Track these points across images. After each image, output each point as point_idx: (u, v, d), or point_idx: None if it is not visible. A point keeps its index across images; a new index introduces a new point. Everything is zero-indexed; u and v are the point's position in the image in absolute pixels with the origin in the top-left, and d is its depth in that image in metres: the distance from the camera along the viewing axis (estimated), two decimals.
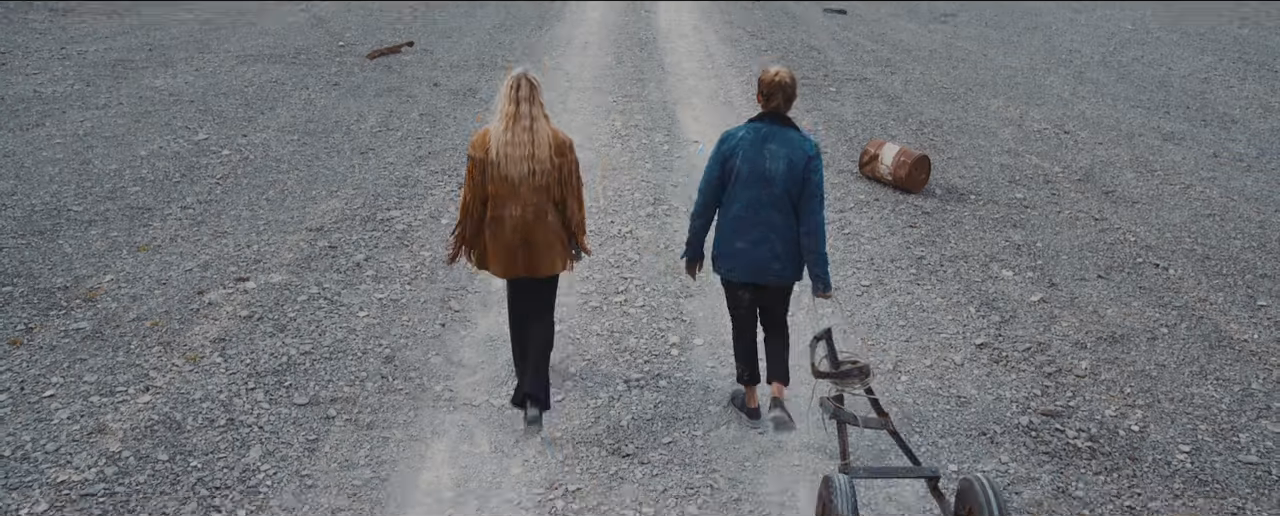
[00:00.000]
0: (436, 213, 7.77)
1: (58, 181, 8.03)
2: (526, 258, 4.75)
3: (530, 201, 4.64)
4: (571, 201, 4.79)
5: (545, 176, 4.63)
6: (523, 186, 4.61)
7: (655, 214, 7.92)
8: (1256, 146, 10.62)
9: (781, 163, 4.50)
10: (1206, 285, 7.00)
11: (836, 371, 4.35)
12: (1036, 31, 17.59)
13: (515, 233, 4.68)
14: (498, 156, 4.57)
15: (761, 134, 4.55)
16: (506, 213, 4.66)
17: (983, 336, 6.12)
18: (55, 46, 12.75)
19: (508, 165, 4.57)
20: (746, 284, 4.80)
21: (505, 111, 4.57)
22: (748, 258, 4.66)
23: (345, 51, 13.42)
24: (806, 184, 4.53)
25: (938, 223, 8.01)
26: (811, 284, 4.77)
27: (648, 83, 12.33)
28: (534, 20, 16.51)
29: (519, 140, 4.55)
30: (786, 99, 4.56)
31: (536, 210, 4.67)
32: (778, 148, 4.51)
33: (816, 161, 4.52)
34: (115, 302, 6.10)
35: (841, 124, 10.83)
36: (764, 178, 4.52)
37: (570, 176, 4.75)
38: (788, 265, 4.69)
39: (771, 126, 4.56)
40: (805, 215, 4.59)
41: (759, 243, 4.61)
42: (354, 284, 6.51)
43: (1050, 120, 11.32)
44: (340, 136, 9.60)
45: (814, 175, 4.52)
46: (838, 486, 3.66)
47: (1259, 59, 15.69)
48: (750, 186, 4.56)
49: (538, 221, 4.68)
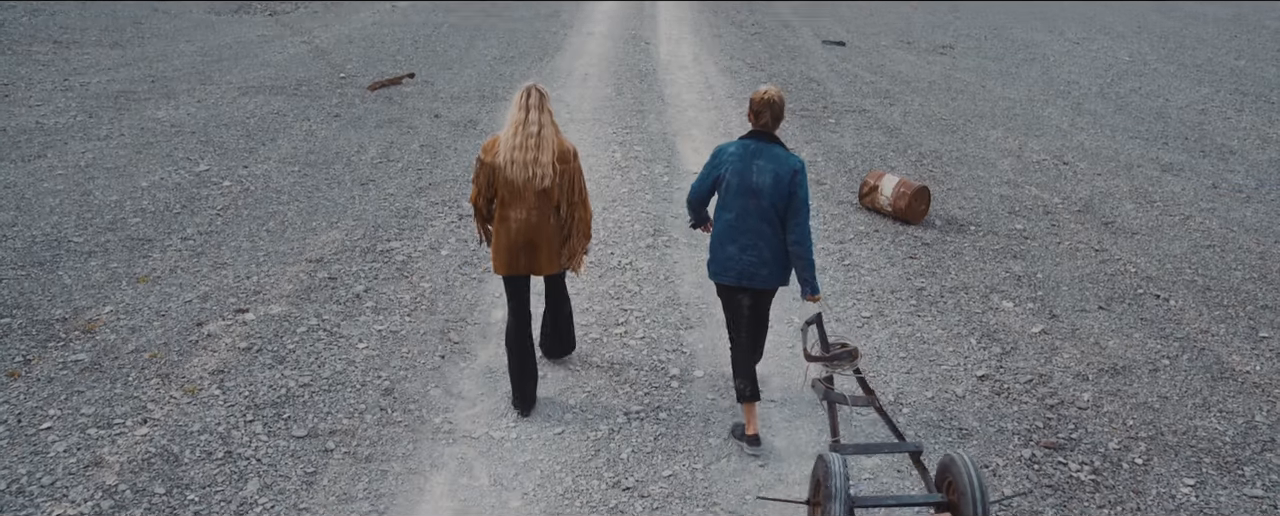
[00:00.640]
0: (437, 244, 7.77)
1: (58, 212, 8.04)
2: (529, 258, 5.09)
3: (534, 205, 4.96)
4: (574, 206, 5.09)
5: (549, 182, 4.90)
6: (527, 190, 4.91)
7: (655, 245, 7.92)
8: (1255, 177, 10.65)
9: (768, 177, 4.78)
10: (1208, 316, 6.99)
11: (827, 354, 4.75)
12: (1034, 63, 17.69)
13: (520, 234, 5.01)
14: (505, 161, 4.87)
15: (750, 150, 4.83)
16: (513, 214, 4.98)
17: (984, 368, 6.10)
18: (58, 78, 12.81)
19: (513, 170, 4.86)
20: (738, 287, 5.04)
21: (515, 119, 4.87)
22: (738, 262, 4.94)
23: (346, 83, 13.48)
24: (792, 197, 4.81)
25: (938, 254, 8.01)
26: (801, 288, 5.01)
27: (647, 114, 12.37)
28: (534, 53, 16.60)
29: (525, 146, 4.85)
30: (774, 117, 4.84)
31: (540, 213, 4.98)
32: (765, 163, 4.80)
33: (801, 176, 4.80)
34: (114, 334, 6.09)
35: (841, 155, 10.86)
36: (753, 190, 4.80)
37: (573, 182, 5.03)
38: (774, 270, 4.96)
39: (759, 143, 4.84)
40: (792, 225, 4.86)
41: (748, 248, 4.90)
42: (353, 315, 6.49)
43: (1049, 151, 11.35)
44: (341, 167, 9.62)
45: (799, 188, 4.80)
46: (831, 464, 3.92)
47: (1256, 90, 15.76)
48: (741, 198, 4.84)
49: (542, 224, 5.00)
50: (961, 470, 3.92)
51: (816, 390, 4.77)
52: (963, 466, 3.93)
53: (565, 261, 5.22)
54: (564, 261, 5.22)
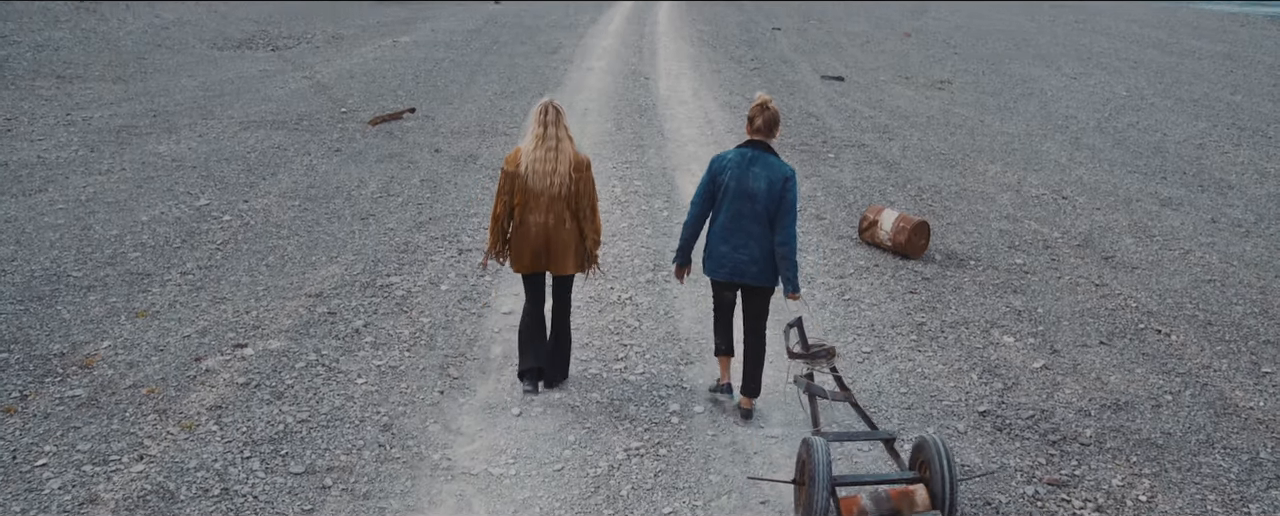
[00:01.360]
0: (436, 279, 7.77)
1: (58, 247, 8.04)
2: (547, 258, 5.61)
3: (552, 210, 5.49)
4: (586, 211, 5.60)
5: (565, 189, 5.43)
6: (546, 197, 5.44)
7: (655, 280, 7.91)
8: (1254, 212, 10.67)
9: (763, 182, 5.23)
10: (1209, 352, 6.97)
11: (807, 353, 5.27)
12: (1032, 98, 17.78)
13: (539, 236, 5.53)
14: (526, 170, 5.40)
15: (747, 158, 5.30)
16: (532, 219, 5.49)
17: (985, 404, 6.07)
18: (61, 113, 12.87)
19: (534, 179, 5.40)
20: (728, 283, 5.54)
21: (535, 133, 5.40)
22: (730, 260, 5.40)
23: (347, 118, 13.54)
24: (782, 201, 5.24)
25: (938, 288, 8.00)
26: (783, 286, 5.43)
27: (647, 149, 12.42)
28: (534, 88, 16.69)
29: (545, 157, 5.38)
30: (766, 122, 5.30)
31: (557, 218, 5.51)
32: (760, 170, 5.25)
33: (792, 182, 5.25)
34: (112, 369, 6.06)
35: (840, 190, 10.88)
36: (748, 194, 5.26)
37: (586, 190, 5.54)
38: (763, 269, 5.38)
39: (756, 152, 5.31)
40: (780, 227, 5.28)
41: (739, 247, 5.36)
42: (352, 350, 6.47)
43: (1048, 186, 11.38)
44: (341, 202, 9.63)
45: (789, 194, 5.24)
46: (814, 447, 4.37)
47: (1252, 125, 15.84)
48: (736, 201, 5.30)
49: (558, 227, 5.53)
50: (932, 449, 4.43)
51: (799, 384, 5.23)
52: (934, 446, 4.43)
53: (586, 265, 5.77)
54: (585, 265, 5.76)
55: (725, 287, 5.61)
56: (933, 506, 4.37)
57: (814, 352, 5.26)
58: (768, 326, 5.74)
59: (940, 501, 4.32)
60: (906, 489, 4.49)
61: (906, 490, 4.48)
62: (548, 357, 5.95)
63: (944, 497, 4.31)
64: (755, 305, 5.62)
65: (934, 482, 4.36)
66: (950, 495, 4.31)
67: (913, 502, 4.42)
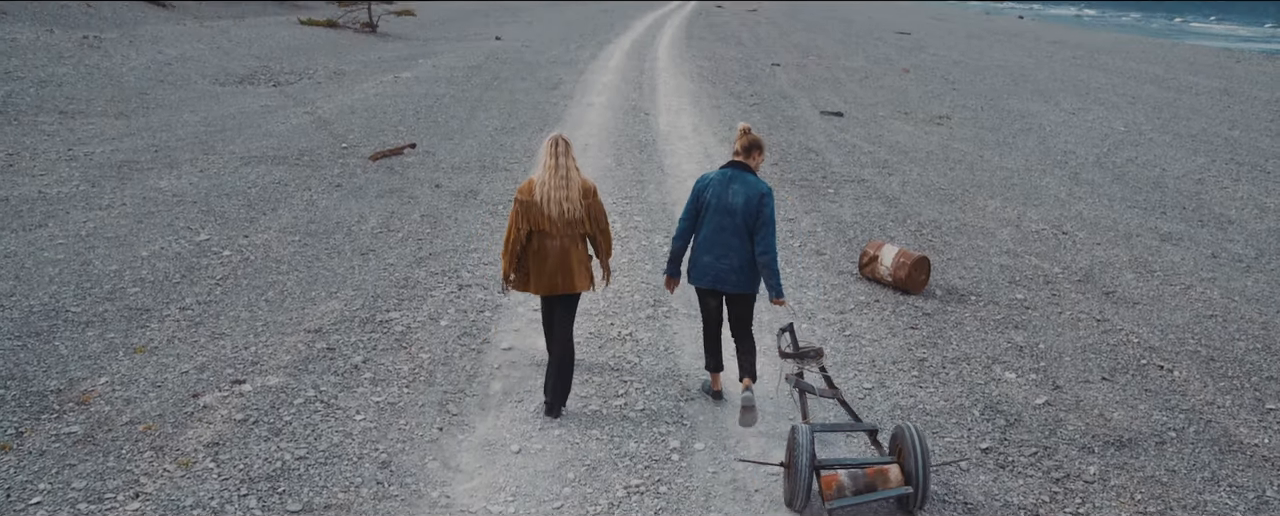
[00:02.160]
0: (436, 315, 7.75)
1: (57, 282, 8.02)
2: (563, 279, 5.98)
3: (566, 233, 5.92)
4: (598, 233, 6.06)
5: (577, 214, 5.88)
6: (560, 222, 5.86)
7: (655, 316, 7.89)
8: (1254, 247, 10.66)
9: (740, 198, 5.75)
10: (1213, 388, 6.93)
11: (797, 353, 5.83)
12: (1031, 133, 17.85)
13: (555, 258, 5.94)
14: (541, 198, 5.82)
15: (728, 177, 5.84)
16: (549, 243, 5.92)
17: (988, 441, 6.03)
18: (62, 148, 12.90)
19: (548, 205, 5.82)
20: (710, 290, 6.02)
21: (546, 164, 5.84)
22: (712, 269, 5.89)
23: (348, 153, 13.57)
24: (759, 215, 5.73)
25: (939, 324, 7.98)
26: (768, 293, 5.84)
27: (647, 185, 12.44)
28: (535, 123, 16.75)
29: (557, 186, 5.81)
30: (744, 147, 5.88)
31: (571, 240, 5.96)
32: (739, 187, 5.78)
33: (768, 198, 5.75)
34: (109, 406, 6.02)
35: (840, 225, 10.89)
36: (727, 209, 5.78)
37: (598, 214, 6.02)
38: (742, 278, 5.86)
39: (736, 172, 5.85)
40: (759, 239, 5.76)
41: (721, 258, 5.85)
42: (351, 387, 6.44)
43: (1048, 221, 11.39)
44: (341, 237, 9.63)
45: (765, 209, 5.74)
46: (800, 433, 5.02)
47: (1251, 160, 15.88)
48: (717, 215, 5.82)
49: (572, 248, 5.97)
50: (908, 435, 5.05)
51: (790, 382, 5.74)
52: (909, 433, 5.05)
53: (600, 280, 6.27)
54: (598, 281, 6.25)
55: (708, 295, 6.08)
56: (906, 484, 4.99)
57: (803, 353, 5.84)
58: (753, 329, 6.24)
59: (913, 479, 4.94)
60: (881, 468, 5.09)
61: (881, 469, 5.08)
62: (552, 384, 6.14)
63: (917, 476, 4.93)
64: (738, 310, 6.11)
65: (908, 463, 4.99)
66: (923, 476, 4.92)
67: (887, 480, 5.04)
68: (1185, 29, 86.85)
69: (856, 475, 5.03)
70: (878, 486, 5.01)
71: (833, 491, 4.93)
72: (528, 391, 6.48)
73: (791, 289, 8.59)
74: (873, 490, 4.99)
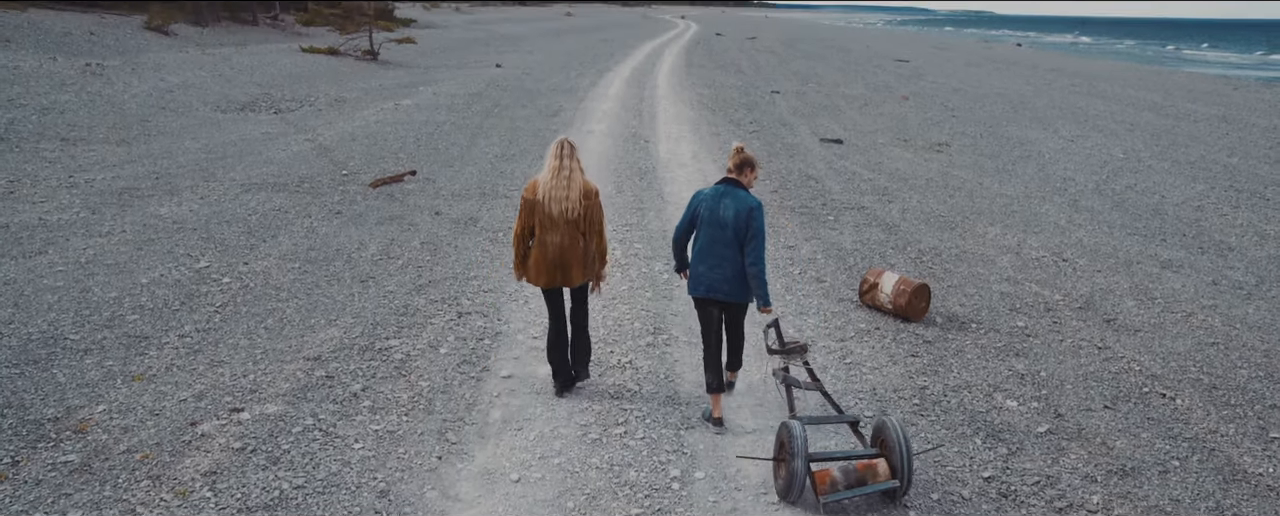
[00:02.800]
0: (435, 342, 7.72)
1: (56, 309, 8.00)
2: (563, 273, 6.41)
3: (565, 232, 6.31)
4: (594, 234, 6.43)
5: (577, 213, 6.25)
6: (561, 220, 6.25)
7: (655, 344, 7.86)
8: (1255, 274, 10.65)
9: (732, 212, 6.07)
10: (1216, 416, 6.90)
11: (783, 348, 6.06)
12: (1029, 160, 17.88)
13: (556, 254, 6.35)
14: (543, 198, 6.22)
15: (721, 192, 6.18)
16: (549, 239, 6.32)
17: (990, 469, 5.99)
18: (63, 175, 12.92)
19: (550, 204, 6.22)
20: (707, 298, 6.29)
21: (551, 165, 6.22)
22: (707, 278, 6.21)
23: (348, 180, 13.60)
24: (749, 228, 6.04)
25: (939, 352, 7.96)
26: (756, 301, 6.11)
27: (647, 212, 12.45)
28: (535, 150, 16.79)
29: (559, 186, 6.19)
30: (736, 164, 6.23)
31: (570, 238, 6.33)
32: (730, 202, 6.11)
33: (758, 212, 6.07)
34: (106, 434, 5.99)
35: (840, 252, 10.88)
36: (720, 222, 6.10)
37: (595, 216, 6.37)
38: (735, 287, 6.17)
39: (728, 188, 6.19)
40: (749, 251, 6.06)
41: (714, 268, 6.17)
42: (350, 415, 6.41)
43: (1048, 248, 11.38)
44: (341, 264, 9.62)
45: (754, 222, 6.05)
46: (793, 428, 5.28)
47: (1250, 187, 15.90)
48: (710, 227, 6.15)
49: (571, 246, 6.35)
50: (891, 429, 5.33)
51: (776, 376, 6.02)
52: (892, 426, 5.34)
53: (593, 276, 6.56)
54: (591, 276, 6.54)
55: (707, 304, 6.35)
56: (892, 477, 5.27)
57: (788, 348, 6.06)
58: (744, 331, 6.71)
59: (898, 472, 5.24)
60: (870, 462, 5.38)
61: (870, 463, 5.38)
62: (573, 356, 6.81)
63: (902, 469, 5.23)
64: (733, 317, 6.52)
65: (892, 456, 5.29)
66: (907, 468, 5.24)
67: (876, 473, 5.33)
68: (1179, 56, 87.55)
69: (848, 470, 5.33)
70: (868, 480, 5.32)
71: (826, 486, 5.23)
72: (527, 419, 6.45)
73: (792, 317, 8.58)
74: (863, 484, 5.30)
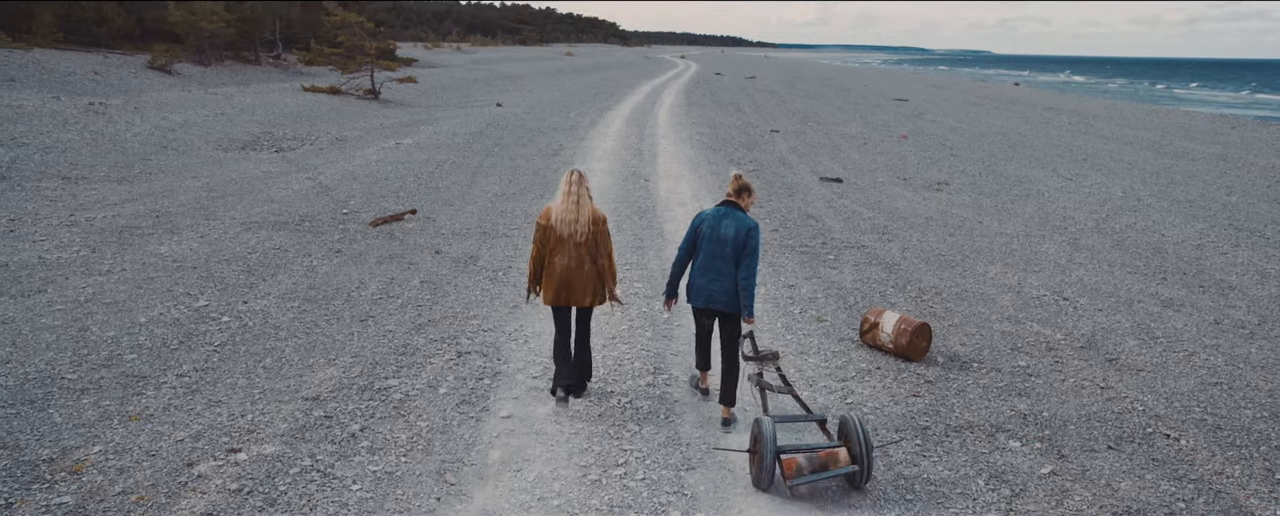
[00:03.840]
0: (435, 382, 7.68)
1: (54, 348, 7.97)
2: (568, 293, 7.02)
3: (574, 255, 6.95)
4: (603, 257, 7.06)
5: (585, 237, 6.91)
6: (570, 243, 6.91)
7: (655, 383, 7.82)
8: (1257, 313, 10.63)
9: (731, 231, 6.79)
10: (1221, 457, 6.85)
11: (757, 356, 6.83)
12: (1029, 199, 17.92)
13: (563, 275, 6.98)
14: (555, 222, 6.91)
15: (722, 213, 6.91)
16: (559, 262, 6.97)
17: (993, 511, 5.93)
18: (64, 213, 12.94)
19: (561, 228, 6.91)
20: (704, 309, 7.03)
21: (563, 192, 6.95)
22: (706, 290, 6.91)
23: (349, 218, 13.61)
24: (747, 246, 6.75)
25: (941, 392, 7.91)
26: (742, 311, 6.81)
27: (647, 250, 12.45)
28: (535, 189, 16.84)
29: (569, 210, 6.89)
30: (735, 190, 6.99)
31: (578, 261, 6.96)
32: (730, 222, 6.83)
33: (755, 232, 6.78)
34: (102, 475, 5.93)
35: (841, 291, 10.86)
36: (720, 240, 6.82)
37: (602, 240, 7.02)
38: (731, 299, 6.86)
39: (728, 209, 6.92)
40: (744, 266, 6.77)
41: (713, 281, 6.88)
42: (348, 456, 6.35)
43: (1048, 287, 11.37)
44: (340, 303, 9.60)
45: (752, 241, 6.76)
46: (764, 425, 5.96)
47: (1250, 226, 15.92)
48: (710, 244, 6.87)
49: (578, 268, 6.98)
50: (851, 423, 6.04)
51: (752, 381, 6.77)
52: (852, 421, 6.04)
53: (606, 298, 7.20)
54: (605, 299, 7.19)
55: (703, 314, 7.16)
56: (852, 463, 5.96)
57: (763, 356, 6.81)
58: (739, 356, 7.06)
59: (858, 459, 5.93)
60: (832, 451, 6.06)
61: (832, 452, 6.05)
62: (573, 374, 7.27)
63: (861, 457, 5.91)
64: (728, 329, 7.03)
65: (853, 447, 5.98)
66: (867, 456, 5.92)
67: (837, 460, 6.02)
68: (1169, 94, 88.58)
69: (812, 457, 6.00)
70: (830, 466, 5.99)
71: (792, 471, 5.88)
72: (527, 460, 6.39)
73: (793, 357, 8.54)
74: (826, 469, 5.96)
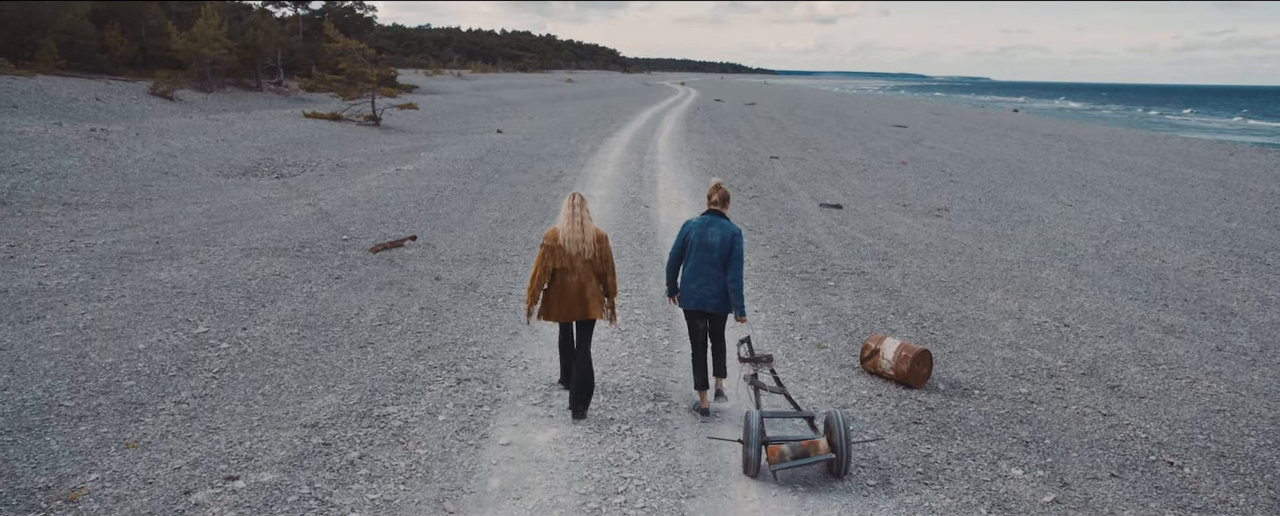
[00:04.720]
0: (434, 409, 7.65)
1: (52, 375, 7.94)
2: (581, 308, 7.48)
3: (582, 271, 7.46)
4: (608, 273, 7.63)
5: (592, 254, 7.46)
6: (577, 261, 7.42)
7: (655, 411, 7.79)
8: (1259, 340, 10.60)
9: (717, 237, 7.36)
10: (1225, 486, 6.80)
11: (752, 358, 7.48)
12: (1029, 225, 17.93)
13: (571, 291, 7.44)
14: (563, 241, 7.40)
15: (706, 221, 7.47)
16: (568, 279, 7.44)
17: None
18: (64, 239, 12.94)
19: (570, 247, 7.40)
20: (696, 311, 7.58)
21: (566, 214, 7.49)
22: (696, 294, 7.49)
23: (349, 245, 13.61)
24: (732, 251, 7.34)
25: (942, 418, 7.88)
26: (734, 313, 7.38)
27: (647, 277, 12.44)
28: (535, 215, 16.85)
29: (574, 230, 7.42)
30: (720, 198, 7.54)
31: (584, 276, 7.47)
32: (716, 229, 7.39)
33: (739, 238, 7.38)
34: (98, 504, 5.89)
35: (841, 318, 10.84)
36: (707, 246, 7.39)
37: (606, 256, 7.58)
38: (721, 301, 7.46)
39: (714, 217, 7.48)
40: (731, 270, 7.35)
41: (702, 285, 7.44)
42: (346, 483, 6.31)
43: (1049, 313, 11.35)
44: (340, 330, 9.58)
45: (737, 246, 7.36)
46: (751, 417, 6.62)
47: (1250, 252, 15.92)
48: (699, 251, 7.43)
49: (587, 284, 7.48)
50: (834, 417, 6.62)
51: (747, 380, 7.38)
52: (835, 416, 6.63)
53: (607, 313, 7.69)
54: (606, 313, 7.68)
55: (696, 316, 7.63)
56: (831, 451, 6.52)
57: (757, 358, 7.46)
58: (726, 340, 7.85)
59: (837, 449, 6.52)
60: (814, 441, 6.59)
61: (814, 441, 6.59)
62: (574, 390, 7.53)
63: (840, 446, 6.50)
64: (716, 327, 7.76)
65: (834, 437, 6.56)
66: (846, 446, 6.51)
67: (817, 449, 6.54)
68: (1163, 121, 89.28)
69: (795, 446, 6.52)
70: (810, 454, 6.50)
71: (775, 457, 6.43)
72: (526, 488, 6.35)
73: (794, 383, 8.51)
74: (806, 456, 6.48)
